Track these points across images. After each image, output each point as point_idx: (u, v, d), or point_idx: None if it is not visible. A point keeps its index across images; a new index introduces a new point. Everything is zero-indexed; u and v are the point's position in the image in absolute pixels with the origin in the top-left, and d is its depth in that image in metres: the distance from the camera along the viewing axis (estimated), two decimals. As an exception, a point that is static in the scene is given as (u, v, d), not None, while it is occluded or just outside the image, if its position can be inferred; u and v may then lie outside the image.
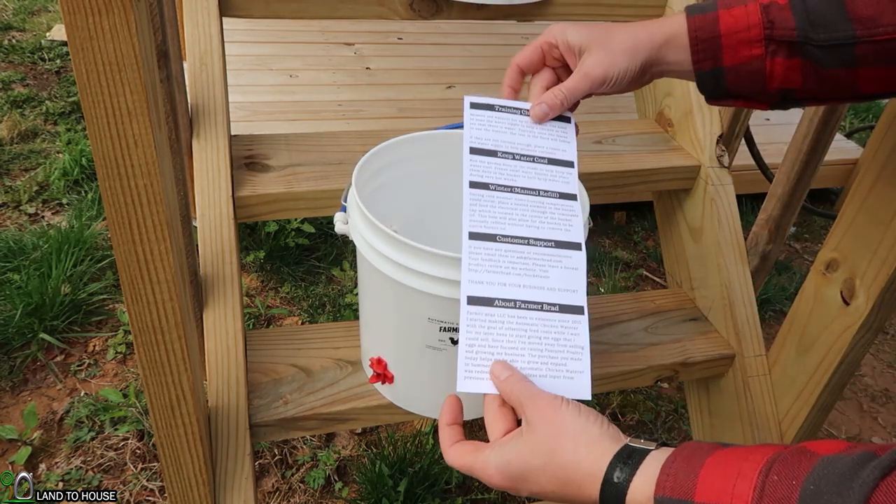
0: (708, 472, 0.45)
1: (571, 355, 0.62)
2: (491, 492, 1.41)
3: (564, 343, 0.62)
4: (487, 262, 0.64)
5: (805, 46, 0.60)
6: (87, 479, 1.33)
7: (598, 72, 0.67)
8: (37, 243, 1.76)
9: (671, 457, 0.48)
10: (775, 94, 0.64)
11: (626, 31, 0.67)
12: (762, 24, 0.61)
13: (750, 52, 0.62)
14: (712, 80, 0.65)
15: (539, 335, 0.62)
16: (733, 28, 0.62)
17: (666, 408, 1.65)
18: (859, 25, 0.58)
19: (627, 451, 0.50)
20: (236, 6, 0.98)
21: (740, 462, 0.44)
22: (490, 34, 2.72)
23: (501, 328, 0.62)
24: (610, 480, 0.49)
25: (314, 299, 1.80)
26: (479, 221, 0.65)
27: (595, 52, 0.67)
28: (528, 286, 0.64)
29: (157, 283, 0.59)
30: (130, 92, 0.49)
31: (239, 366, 0.83)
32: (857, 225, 0.86)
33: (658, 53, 0.66)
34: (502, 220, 0.66)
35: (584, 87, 0.68)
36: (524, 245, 0.65)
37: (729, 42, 0.63)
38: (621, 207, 2.30)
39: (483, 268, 0.63)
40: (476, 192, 0.67)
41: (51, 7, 3.30)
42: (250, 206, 0.92)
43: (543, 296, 0.63)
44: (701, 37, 0.64)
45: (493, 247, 0.64)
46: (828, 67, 0.61)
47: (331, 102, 2.14)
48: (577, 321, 0.64)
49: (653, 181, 1.08)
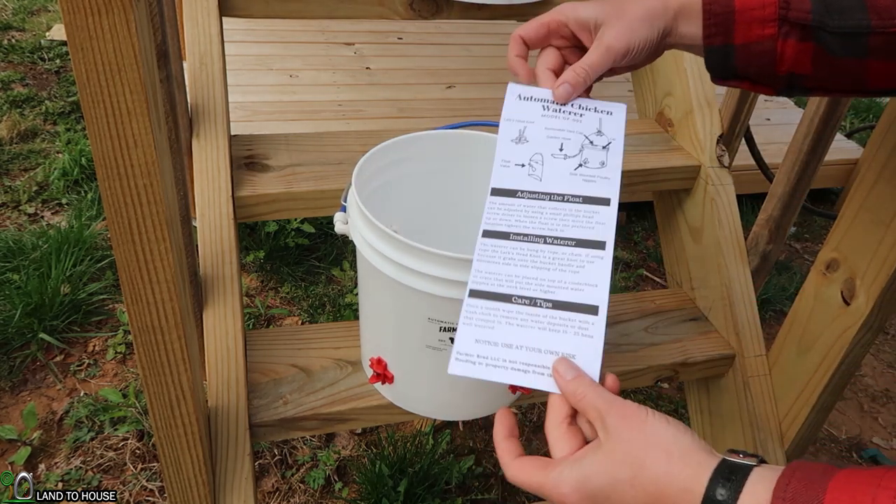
0: (834, 497, 0.41)
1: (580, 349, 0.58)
2: (491, 492, 1.41)
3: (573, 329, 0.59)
4: (500, 256, 0.61)
5: (818, 31, 0.59)
6: (86, 479, 1.33)
7: (621, 44, 0.64)
8: (36, 243, 1.76)
9: (783, 478, 0.44)
10: (783, 78, 0.62)
11: (638, 2, 0.65)
12: (778, 4, 0.60)
13: (762, 31, 0.61)
14: (721, 56, 0.63)
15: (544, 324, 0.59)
16: (748, 4, 0.61)
17: (666, 408, 1.65)
18: (875, 15, 0.57)
19: (728, 466, 0.46)
20: (236, 6, 0.98)
21: (873, 489, 0.40)
22: (490, 34, 2.72)
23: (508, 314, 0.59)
24: (712, 498, 0.45)
25: (314, 299, 1.80)
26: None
27: (613, 24, 0.64)
28: (538, 278, 0.60)
29: (157, 283, 0.59)
30: (130, 92, 0.49)
31: (239, 366, 0.83)
32: (858, 225, 0.86)
33: (672, 22, 0.64)
34: (517, 222, 0.63)
35: (607, 61, 0.65)
36: (540, 244, 0.62)
37: (742, 18, 0.61)
38: (621, 207, 2.27)
39: (494, 260, 0.61)
40: (499, 200, 0.64)
41: (50, 7, 3.30)
42: (250, 206, 0.91)
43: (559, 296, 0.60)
44: (715, 10, 0.62)
45: (505, 244, 0.62)
46: (838, 56, 0.59)
47: (331, 102, 2.14)
48: (591, 322, 0.59)
49: (653, 181, 1.08)
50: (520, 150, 0.67)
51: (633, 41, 0.64)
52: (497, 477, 1.44)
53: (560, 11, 0.67)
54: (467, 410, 0.83)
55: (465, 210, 0.88)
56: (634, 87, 1.26)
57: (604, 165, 0.66)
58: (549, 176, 0.66)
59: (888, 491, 0.39)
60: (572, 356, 0.57)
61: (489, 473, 1.45)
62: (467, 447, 1.50)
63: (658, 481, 0.47)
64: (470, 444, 1.51)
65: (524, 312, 0.59)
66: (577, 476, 0.49)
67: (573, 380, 0.54)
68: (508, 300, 0.59)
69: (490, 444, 1.51)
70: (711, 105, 1.10)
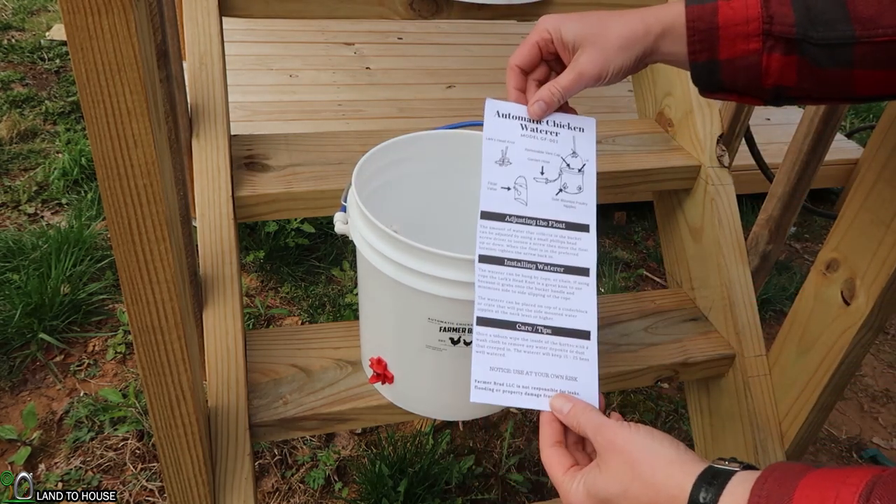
0: (803, 493, 0.43)
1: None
2: (491, 492, 1.41)
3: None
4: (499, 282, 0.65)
5: (803, 44, 0.59)
6: (86, 479, 1.33)
7: (594, 70, 0.66)
8: (36, 243, 1.76)
9: (761, 478, 0.46)
10: (770, 90, 0.63)
11: (621, 23, 0.66)
12: (761, 18, 0.60)
13: (747, 46, 0.61)
14: (707, 72, 0.64)
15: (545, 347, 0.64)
16: (732, 20, 0.61)
17: (666, 408, 1.65)
18: (859, 25, 0.58)
19: (711, 472, 0.49)
20: (236, 6, 0.98)
21: (837, 486, 0.42)
22: (490, 34, 2.72)
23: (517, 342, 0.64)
24: (695, 501, 0.48)
25: (314, 299, 1.80)
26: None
27: (589, 49, 0.66)
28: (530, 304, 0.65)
29: (157, 283, 0.59)
30: (130, 92, 0.49)
31: (239, 366, 0.83)
32: (858, 225, 0.86)
33: (654, 44, 0.65)
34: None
35: (578, 85, 0.68)
36: (532, 270, 0.66)
37: (726, 34, 0.62)
38: (621, 207, 2.30)
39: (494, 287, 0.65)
40: (486, 225, 0.68)
41: (50, 7, 3.30)
42: (250, 206, 0.91)
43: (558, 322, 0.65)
44: (698, 27, 0.63)
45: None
46: (824, 67, 0.60)
47: (331, 102, 2.14)
48: (585, 345, 0.65)
49: (653, 181, 1.08)
50: (504, 173, 0.70)
51: (606, 68, 0.66)
52: (497, 477, 1.44)
53: (544, 28, 0.69)
54: (467, 411, 0.83)
55: (465, 210, 0.88)
56: (634, 87, 1.26)
57: (581, 190, 0.71)
58: (533, 200, 0.70)
59: (851, 487, 0.42)
60: (574, 378, 0.63)
61: (489, 473, 1.45)
62: (467, 447, 1.50)
63: (647, 491, 0.51)
64: (470, 444, 1.51)
65: (528, 339, 0.64)
66: (582, 491, 0.56)
67: (569, 413, 0.60)
68: (513, 327, 0.64)
69: (490, 445, 1.51)
70: (711, 105, 1.10)
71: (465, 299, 0.67)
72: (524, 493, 1.42)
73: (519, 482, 1.43)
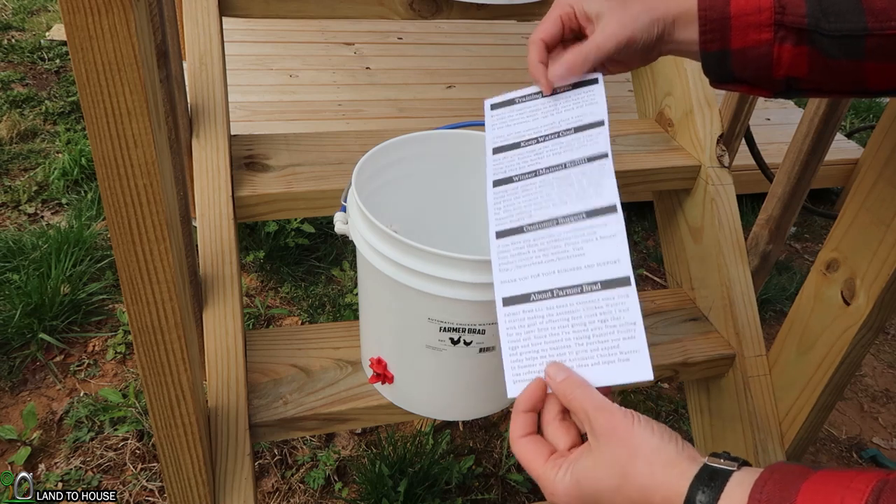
0: (806, 498, 0.42)
1: (623, 335, 0.56)
2: (491, 492, 1.41)
3: (614, 323, 0.56)
4: (517, 257, 0.61)
5: (814, 35, 0.59)
6: (86, 479, 1.33)
7: (624, 33, 0.64)
8: (36, 243, 1.76)
9: (760, 480, 0.45)
10: (781, 81, 0.62)
11: (640, 1, 0.65)
12: (773, 9, 0.60)
13: (758, 35, 0.61)
14: (718, 61, 0.64)
15: (584, 321, 0.57)
16: (744, 10, 0.61)
17: (666, 408, 1.65)
18: (872, 17, 0.57)
19: (708, 471, 0.47)
20: (236, 6, 0.98)
21: (842, 490, 0.41)
22: (490, 34, 2.72)
23: (543, 322, 0.58)
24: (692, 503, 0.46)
25: (314, 299, 1.80)
26: (504, 218, 0.63)
27: (616, 13, 0.64)
28: (564, 270, 0.59)
29: (157, 283, 0.59)
30: (130, 92, 0.49)
31: (239, 366, 0.83)
32: (858, 225, 0.86)
33: (670, 27, 0.65)
34: (527, 207, 0.63)
35: (604, 49, 0.65)
36: (553, 226, 0.61)
37: (738, 24, 0.61)
38: (621, 207, 2.29)
39: (513, 264, 0.60)
40: (499, 190, 0.65)
41: (50, 7, 3.30)
42: (250, 206, 0.91)
43: (582, 276, 0.58)
44: (711, 16, 0.63)
45: (521, 239, 0.61)
46: (836, 58, 0.59)
47: (331, 102, 2.14)
48: (625, 294, 0.57)
49: (653, 181, 1.08)
50: (509, 156, 0.69)
51: (637, 31, 0.64)
52: (497, 477, 1.44)
53: (567, 3, 0.67)
54: (467, 410, 0.83)
55: (465, 210, 0.88)
56: (634, 87, 1.26)
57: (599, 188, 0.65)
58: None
59: (855, 492, 0.40)
60: (619, 339, 0.56)
61: (489, 473, 1.45)
62: (467, 447, 1.50)
63: (643, 490, 0.49)
64: (470, 444, 1.51)
65: (567, 304, 0.58)
66: (569, 481, 0.51)
67: (563, 382, 0.55)
68: (544, 296, 0.59)
69: (490, 445, 1.51)
70: (711, 105, 1.10)
71: (465, 299, 0.67)
72: (524, 493, 1.42)
73: (519, 482, 1.43)
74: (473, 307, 0.68)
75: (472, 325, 0.70)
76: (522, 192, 0.65)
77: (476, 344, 0.72)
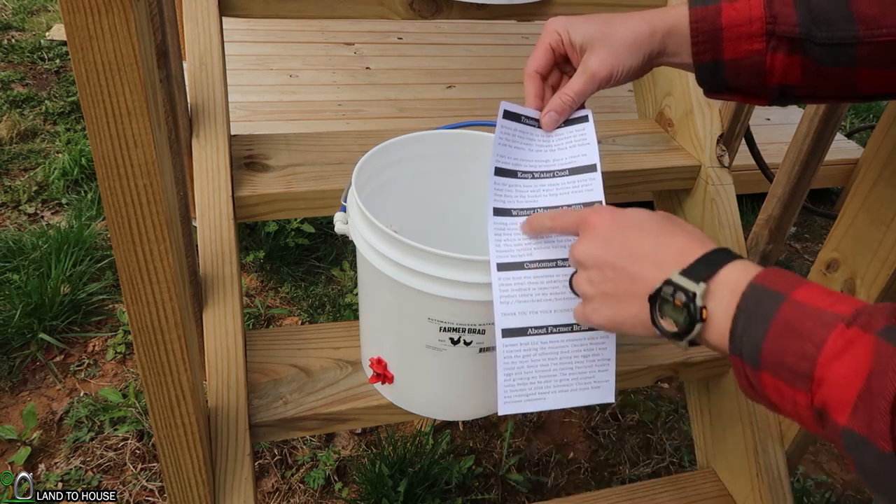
0: (803, 289, 0.46)
1: (599, 367, 0.67)
2: (491, 492, 1.41)
3: (593, 358, 0.67)
4: (518, 292, 0.65)
5: (806, 44, 0.60)
6: (86, 479, 1.33)
7: (604, 72, 0.66)
8: (36, 243, 1.76)
9: (763, 270, 0.49)
10: (774, 89, 0.63)
11: (627, 24, 0.67)
12: (764, 19, 0.60)
13: (750, 46, 0.62)
14: (711, 72, 0.65)
15: (570, 355, 0.66)
16: (735, 21, 0.62)
17: (666, 408, 1.65)
18: (862, 25, 0.58)
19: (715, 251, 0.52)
20: (236, 6, 0.98)
21: (831, 293, 0.46)
22: (490, 34, 2.72)
23: (536, 354, 0.65)
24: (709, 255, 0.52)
25: (314, 299, 1.80)
26: (504, 252, 0.66)
27: (598, 50, 0.66)
28: (560, 310, 0.66)
29: (157, 283, 0.59)
30: (130, 92, 0.49)
31: (239, 366, 0.83)
32: (858, 225, 0.86)
33: (659, 45, 0.66)
34: (528, 245, 0.67)
35: (590, 88, 0.68)
36: (552, 268, 0.66)
37: (730, 35, 0.62)
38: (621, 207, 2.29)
39: (514, 298, 0.65)
40: (500, 221, 0.68)
41: (50, 7, 3.30)
42: (250, 206, 0.91)
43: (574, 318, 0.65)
44: (702, 28, 0.63)
45: (522, 275, 0.66)
46: (828, 66, 0.60)
47: (331, 102, 2.14)
48: (605, 335, 0.67)
49: (653, 181, 1.08)
50: (509, 185, 0.71)
51: (617, 68, 0.67)
52: (497, 477, 1.44)
53: (554, 30, 0.69)
54: (467, 410, 0.83)
55: (464, 210, 0.88)
56: (634, 87, 1.26)
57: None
58: None
59: (845, 302, 0.45)
60: (595, 370, 0.68)
61: (489, 473, 1.45)
62: (467, 447, 1.50)
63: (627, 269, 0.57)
64: (470, 444, 1.51)
65: (558, 340, 0.67)
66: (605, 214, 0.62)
67: (554, 223, 0.63)
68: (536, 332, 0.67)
69: (490, 444, 1.51)
70: (711, 105, 1.10)
71: (465, 299, 0.67)
72: (524, 493, 1.42)
73: (519, 482, 1.43)
74: (473, 307, 0.68)
75: (472, 325, 0.70)
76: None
77: (476, 344, 0.72)
